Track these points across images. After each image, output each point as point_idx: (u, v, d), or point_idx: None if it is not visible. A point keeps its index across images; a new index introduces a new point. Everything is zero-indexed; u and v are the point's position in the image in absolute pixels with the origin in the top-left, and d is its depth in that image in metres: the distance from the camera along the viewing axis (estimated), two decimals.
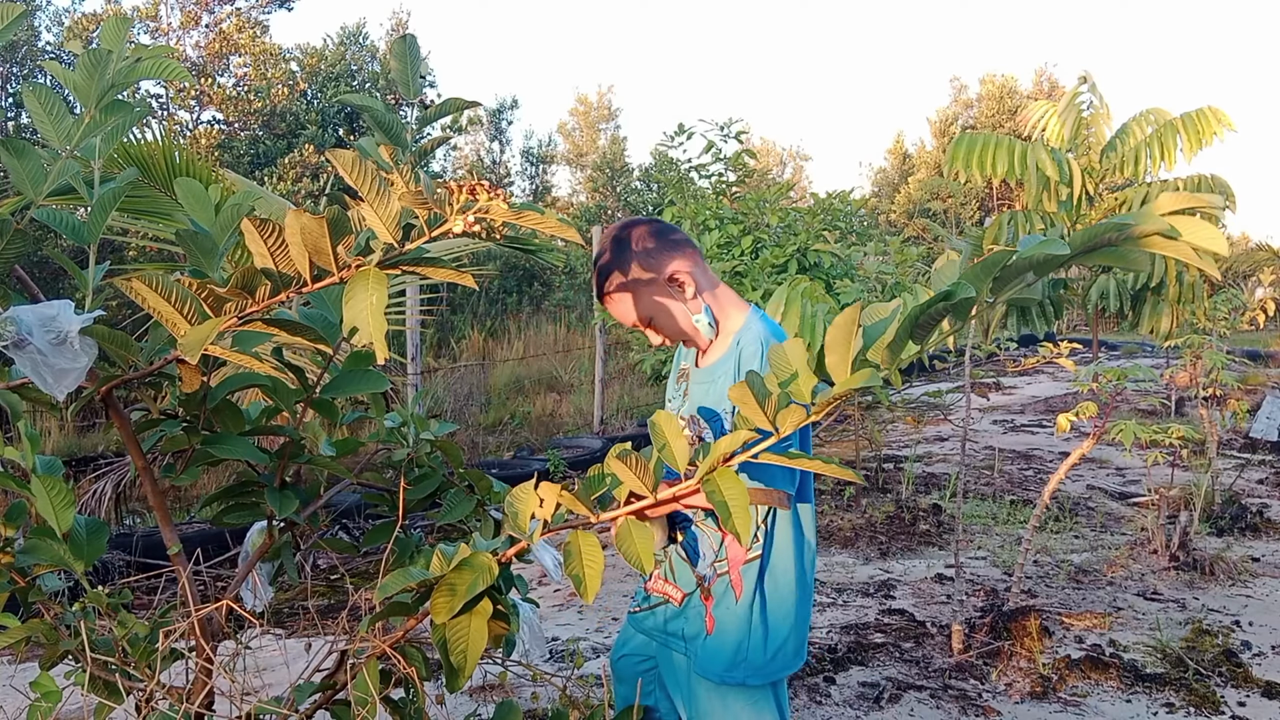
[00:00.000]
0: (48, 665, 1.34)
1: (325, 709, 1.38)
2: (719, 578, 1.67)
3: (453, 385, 8.35)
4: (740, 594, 1.64)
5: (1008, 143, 7.28)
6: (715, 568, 1.67)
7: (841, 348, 1.12)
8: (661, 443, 1.19)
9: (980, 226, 13.54)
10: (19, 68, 11.34)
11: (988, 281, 1.11)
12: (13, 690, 2.77)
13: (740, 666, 1.64)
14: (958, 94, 26.37)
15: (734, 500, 1.12)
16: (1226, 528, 4.59)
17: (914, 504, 5.01)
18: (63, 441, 6.73)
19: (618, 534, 1.17)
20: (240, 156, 11.96)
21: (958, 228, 18.11)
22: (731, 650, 1.64)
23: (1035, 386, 10.20)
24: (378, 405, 1.52)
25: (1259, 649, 3.15)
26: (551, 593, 3.91)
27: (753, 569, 1.64)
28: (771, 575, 1.66)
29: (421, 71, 1.53)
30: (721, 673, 1.65)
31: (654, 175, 14.31)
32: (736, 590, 1.64)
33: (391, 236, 1.07)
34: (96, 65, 1.17)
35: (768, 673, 1.66)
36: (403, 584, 1.18)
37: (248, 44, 12.69)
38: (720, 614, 1.65)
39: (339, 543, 1.65)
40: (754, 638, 1.64)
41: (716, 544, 1.67)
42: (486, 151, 19.95)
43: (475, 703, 2.74)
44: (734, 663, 1.64)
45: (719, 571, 1.67)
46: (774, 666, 1.66)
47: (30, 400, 1.23)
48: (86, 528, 1.33)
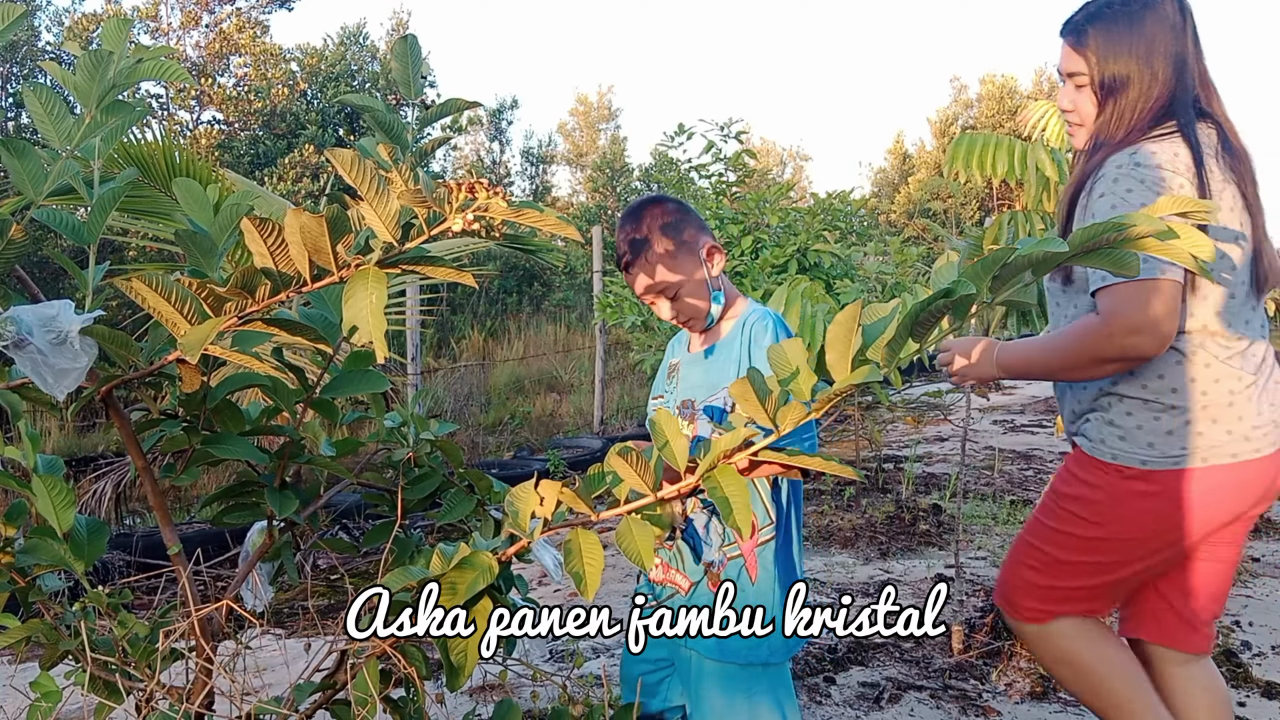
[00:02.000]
0: (48, 665, 1.34)
1: (325, 709, 1.38)
2: (730, 561, 1.66)
3: (453, 385, 8.35)
4: (755, 576, 1.65)
5: (1008, 143, 7.27)
6: (725, 552, 1.67)
7: (841, 345, 1.12)
8: (662, 441, 1.19)
9: (980, 226, 13.53)
10: (19, 68, 11.34)
11: (987, 279, 1.11)
12: (13, 690, 2.77)
13: (763, 645, 1.64)
14: (958, 94, 26.38)
15: (735, 496, 1.12)
16: None
17: (914, 504, 5.01)
18: (63, 441, 6.73)
19: (618, 532, 1.18)
20: (240, 156, 11.96)
21: (958, 228, 18.11)
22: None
23: (1035, 386, 10.20)
24: (378, 405, 1.52)
25: (1259, 649, 3.15)
26: (551, 593, 3.91)
27: (768, 550, 1.66)
28: (786, 553, 1.68)
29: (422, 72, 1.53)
30: (746, 653, 1.65)
31: (654, 175, 14.32)
32: (751, 573, 1.65)
33: (391, 235, 1.07)
34: (97, 66, 1.17)
35: (789, 649, 1.70)
36: (402, 583, 1.18)
37: (248, 44, 12.70)
38: (737, 597, 1.65)
39: (339, 543, 1.65)
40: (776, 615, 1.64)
41: (723, 529, 1.67)
42: (486, 151, 19.95)
43: (475, 702, 2.74)
44: (756, 642, 1.63)
45: (729, 555, 1.66)
46: (794, 641, 1.70)
47: (30, 400, 1.23)
48: (86, 528, 1.33)
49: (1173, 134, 1.69)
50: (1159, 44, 1.70)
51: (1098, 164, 1.72)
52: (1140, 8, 1.71)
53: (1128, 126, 1.73)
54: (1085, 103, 1.79)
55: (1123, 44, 1.72)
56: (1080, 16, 1.78)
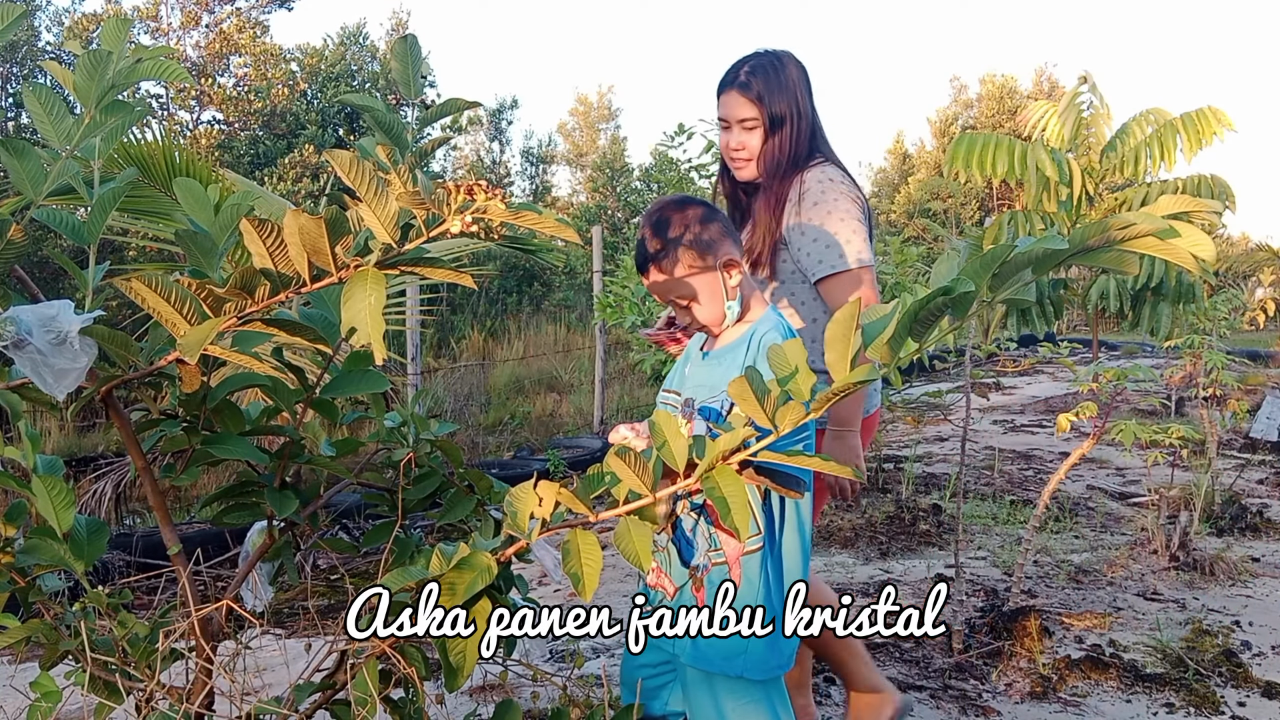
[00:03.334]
0: (48, 665, 1.34)
1: (325, 709, 1.38)
2: (714, 567, 1.65)
3: (453, 385, 8.35)
4: (740, 586, 1.63)
5: (1008, 143, 7.28)
6: (710, 557, 1.66)
7: (840, 345, 1.12)
8: (661, 442, 1.19)
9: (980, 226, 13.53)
10: (19, 68, 11.35)
11: (987, 277, 1.11)
12: (13, 690, 2.77)
13: (739, 658, 1.63)
14: (958, 94, 26.38)
15: (733, 497, 1.12)
16: (1226, 528, 4.59)
17: (914, 504, 5.01)
18: (63, 441, 6.73)
19: (616, 532, 1.18)
20: (240, 156, 11.97)
21: (958, 228, 18.10)
22: (730, 641, 1.61)
23: (1035, 386, 10.20)
24: (378, 405, 1.52)
25: (1259, 649, 3.15)
26: (551, 593, 3.91)
27: (753, 561, 1.63)
28: (776, 567, 1.65)
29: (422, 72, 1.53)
30: (720, 663, 1.63)
31: (654, 175, 14.31)
32: (736, 582, 1.63)
33: (389, 237, 1.07)
34: (96, 66, 1.18)
35: (768, 668, 1.65)
36: (402, 583, 1.18)
37: (248, 44, 12.70)
38: (717, 605, 1.64)
39: (339, 543, 1.65)
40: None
41: (710, 534, 1.66)
42: (486, 151, 19.96)
43: (475, 702, 2.74)
44: (733, 653, 1.62)
45: (714, 561, 1.65)
46: (779, 661, 1.65)
47: (30, 400, 1.23)
48: (86, 528, 1.33)
49: (825, 163, 2.18)
50: (800, 89, 2.17)
51: (790, 186, 2.15)
52: (780, 62, 2.17)
53: (790, 157, 2.16)
54: (754, 141, 2.18)
55: (780, 89, 2.16)
56: (742, 72, 2.17)
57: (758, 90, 2.15)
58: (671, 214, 1.72)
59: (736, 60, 2.22)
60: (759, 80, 2.16)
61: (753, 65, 2.18)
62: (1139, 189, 7.55)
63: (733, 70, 2.19)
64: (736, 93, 2.16)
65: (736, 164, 2.22)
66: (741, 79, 2.17)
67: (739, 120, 2.17)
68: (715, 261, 1.70)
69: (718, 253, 1.71)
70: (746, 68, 2.17)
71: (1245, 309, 6.08)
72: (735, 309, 1.73)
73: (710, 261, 1.70)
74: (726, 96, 2.19)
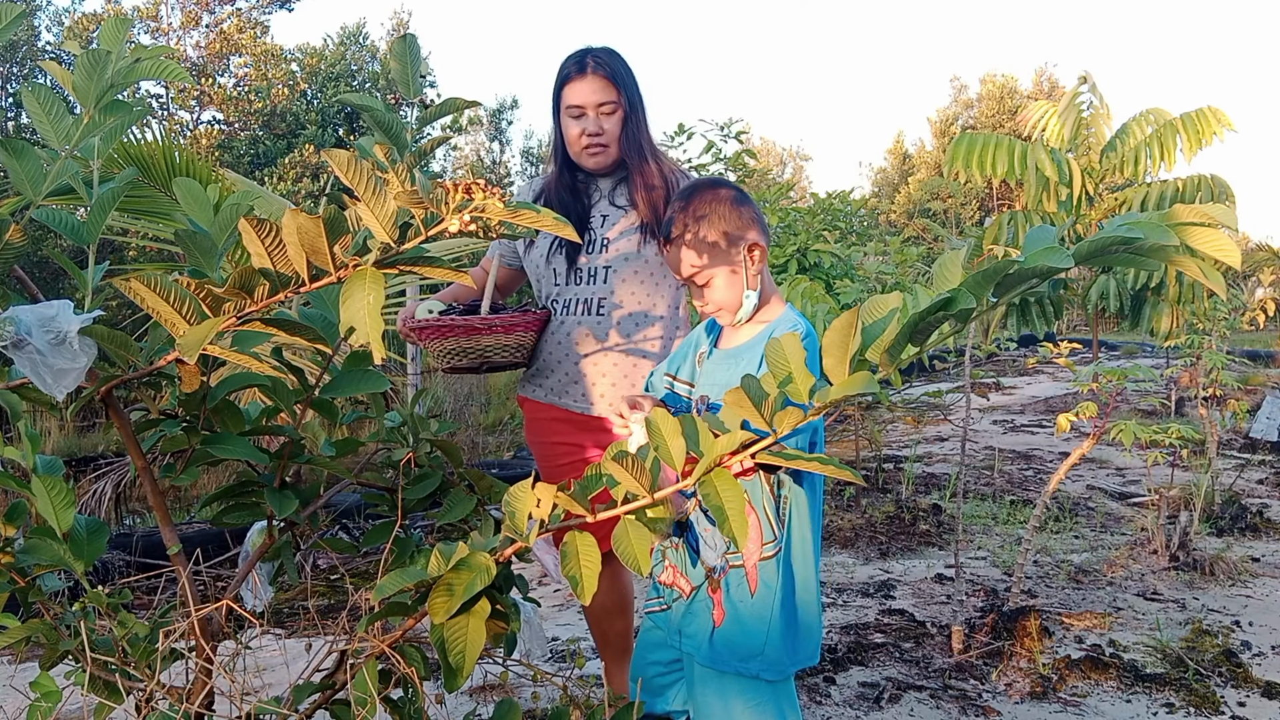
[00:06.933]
0: (48, 665, 1.34)
1: (325, 709, 1.38)
2: (731, 569, 1.65)
3: (453, 385, 8.34)
4: (755, 588, 1.63)
5: (1008, 143, 7.26)
6: (727, 559, 1.66)
7: (839, 350, 1.12)
8: (658, 442, 1.19)
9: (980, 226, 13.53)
10: (19, 68, 11.35)
11: (988, 290, 1.10)
12: (13, 690, 2.77)
13: (756, 659, 1.62)
14: (958, 94, 26.38)
15: (729, 503, 1.12)
16: (1226, 528, 4.59)
17: (914, 504, 5.01)
18: (63, 441, 6.73)
19: (615, 534, 1.17)
20: (240, 156, 11.97)
21: (958, 228, 18.10)
22: (747, 643, 1.62)
23: (1035, 386, 10.20)
24: (378, 405, 1.52)
25: (1259, 649, 3.15)
26: (552, 592, 3.91)
27: (770, 565, 1.63)
28: (791, 569, 1.65)
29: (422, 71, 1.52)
30: (736, 664, 1.63)
31: None
32: (751, 584, 1.63)
33: (388, 236, 1.07)
34: (95, 65, 1.18)
35: (783, 668, 1.65)
36: (401, 584, 1.18)
37: (248, 44, 12.70)
38: (733, 606, 1.64)
39: (339, 543, 1.65)
40: (773, 632, 1.62)
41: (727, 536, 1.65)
42: (486, 151, 19.94)
43: (475, 702, 2.74)
44: (749, 654, 1.62)
45: (731, 564, 1.65)
46: (792, 661, 1.65)
47: (30, 400, 1.23)
48: (86, 528, 1.33)
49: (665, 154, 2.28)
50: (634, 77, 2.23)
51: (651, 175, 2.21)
52: (617, 51, 2.22)
53: (647, 139, 2.23)
54: (613, 125, 2.19)
55: (629, 74, 2.21)
56: (590, 59, 2.18)
57: (615, 72, 2.16)
58: (705, 192, 1.72)
59: (574, 52, 2.22)
60: (612, 64, 2.17)
61: (598, 53, 2.18)
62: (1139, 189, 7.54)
63: (578, 59, 2.18)
64: (594, 76, 2.16)
65: (592, 150, 2.19)
66: (595, 64, 2.16)
67: (597, 105, 2.17)
68: (741, 241, 1.70)
69: (744, 233, 1.70)
70: (592, 56, 2.18)
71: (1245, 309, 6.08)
72: (753, 299, 1.71)
73: (736, 245, 1.69)
74: (579, 84, 2.17)
